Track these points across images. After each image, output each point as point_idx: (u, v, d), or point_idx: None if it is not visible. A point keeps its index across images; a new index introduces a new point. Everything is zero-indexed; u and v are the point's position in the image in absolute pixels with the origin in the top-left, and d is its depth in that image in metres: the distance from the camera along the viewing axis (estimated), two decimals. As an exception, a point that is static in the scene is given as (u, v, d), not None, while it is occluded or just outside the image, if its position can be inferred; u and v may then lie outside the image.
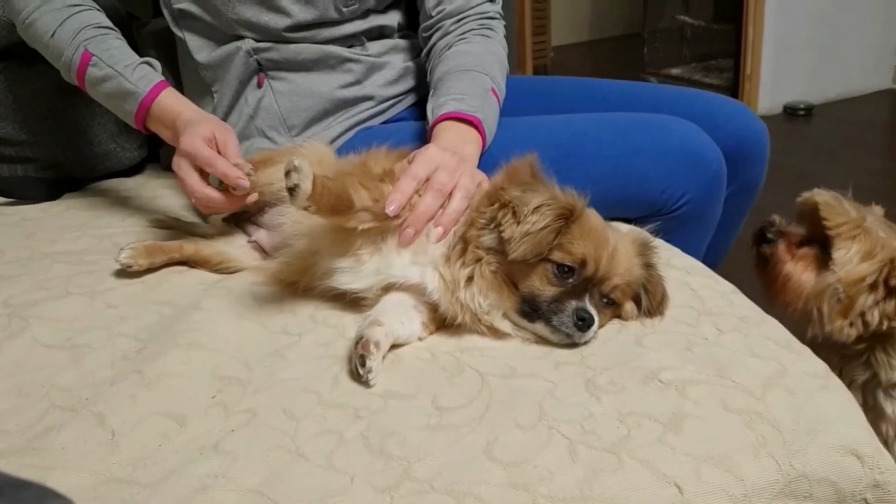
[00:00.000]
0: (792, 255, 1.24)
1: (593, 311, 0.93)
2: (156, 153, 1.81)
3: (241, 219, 1.23)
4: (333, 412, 0.84)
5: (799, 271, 1.22)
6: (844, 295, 1.17)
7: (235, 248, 1.20)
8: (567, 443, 0.77)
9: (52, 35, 1.27)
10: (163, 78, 1.28)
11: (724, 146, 1.29)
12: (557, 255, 0.94)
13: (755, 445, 0.76)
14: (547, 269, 0.94)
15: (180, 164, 1.17)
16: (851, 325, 1.18)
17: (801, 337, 0.98)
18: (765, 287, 1.26)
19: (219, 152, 1.15)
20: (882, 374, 1.20)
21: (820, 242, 1.22)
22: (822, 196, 1.22)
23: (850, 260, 1.16)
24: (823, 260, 1.20)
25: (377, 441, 0.79)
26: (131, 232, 1.39)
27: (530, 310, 0.95)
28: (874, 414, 1.21)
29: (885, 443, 1.19)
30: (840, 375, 1.18)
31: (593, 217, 0.99)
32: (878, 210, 1.26)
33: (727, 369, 0.87)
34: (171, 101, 1.25)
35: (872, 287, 1.16)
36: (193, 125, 1.18)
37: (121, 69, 1.25)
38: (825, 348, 1.19)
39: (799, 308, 1.21)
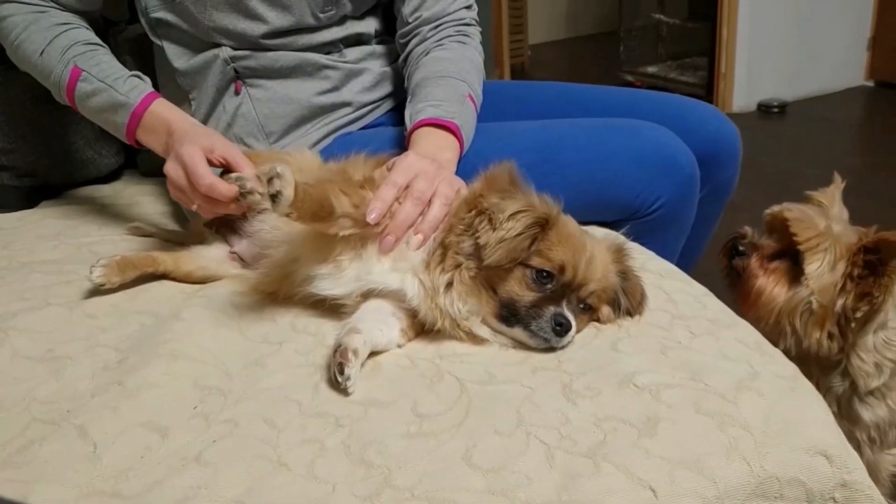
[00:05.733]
0: (764, 268, 1.24)
1: (571, 317, 0.95)
2: (133, 160, 1.81)
3: (224, 225, 1.23)
4: (314, 421, 0.85)
5: (771, 285, 1.22)
6: (818, 305, 1.18)
7: (216, 262, 1.20)
8: (545, 448, 0.78)
9: (41, 54, 1.26)
10: (153, 89, 1.28)
11: (696, 150, 1.32)
12: (536, 261, 0.96)
13: (727, 448, 0.78)
14: (526, 274, 0.96)
15: (177, 172, 1.15)
16: (831, 337, 1.19)
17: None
18: (737, 300, 1.25)
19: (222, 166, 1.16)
20: (861, 383, 1.22)
21: (791, 255, 1.23)
22: (790, 211, 1.23)
23: (821, 273, 1.18)
24: (795, 273, 1.22)
25: (358, 449, 0.80)
26: (109, 240, 1.39)
27: (509, 314, 0.96)
28: (849, 421, 1.24)
29: (858, 448, 1.22)
30: (818, 386, 1.21)
31: (570, 223, 1.01)
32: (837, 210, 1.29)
33: (700, 373, 0.89)
34: (164, 110, 1.25)
35: (843, 289, 1.18)
36: (194, 135, 1.17)
37: (111, 82, 1.25)
38: (805, 360, 1.22)
39: (771, 322, 1.22)
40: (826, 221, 1.22)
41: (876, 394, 1.22)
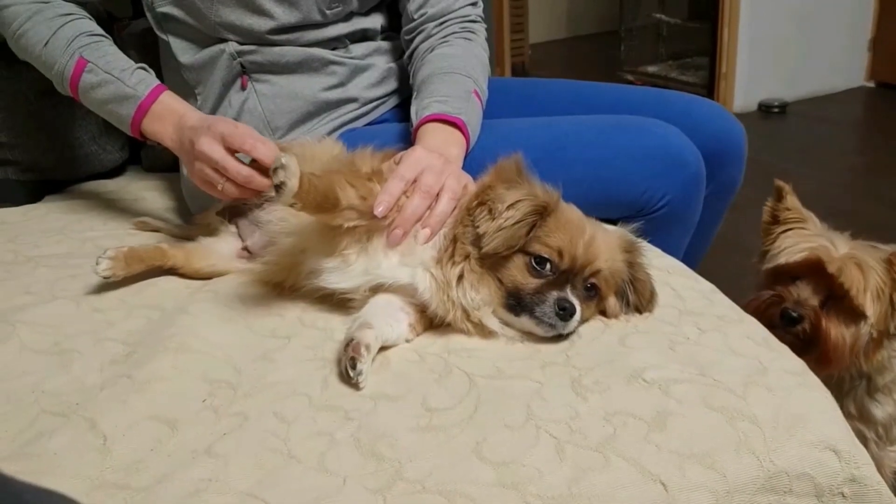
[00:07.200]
0: (829, 323, 1.24)
1: (574, 301, 0.95)
2: (137, 155, 1.81)
3: (237, 213, 1.23)
4: (324, 414, 0.85)
5: (841, 335, 1.23)
6: (877, 332, 1.23)
7: (227, 259, 1.19)
8: (554, 442, 0.79)
9: (46, 44, 1.26)
10: (160, 81, 1.28)
11: (702, 147, 1.32)
12: (535, 248, 0.97)
13: (737, 442, 0.78)
14: (526, 261, 0.97)
15: (212, 146, 1.12)
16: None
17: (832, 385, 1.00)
18: (816, 364, 1.18)
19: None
20: (876, 378, 1.26)
21: (832, 295, 1.25)
22: (831, 264, 1.23)
23: (877, 308, 1.21)
24: (847, 312, 1.23)
25: (368, 442, 0.80)
26: (114, 234, 1.39)
27: (515, 303, 0.97)
28: (863, 421, 1.26)
29: (865, 445, 1.23)
30: (841, 389, 1.25)
31: (569, 210, 1.02)
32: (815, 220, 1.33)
33: (709, 368, 0.89)
34: (174, 101, 1.26)
35: (893, 308, 1.22)
36: (217, 118, 1.18)
37: (118, 74, 1.25)
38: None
39: (846, 364, 1.24)
40: (832, 244, 1.25)
41: (884, 390, 1.24)
